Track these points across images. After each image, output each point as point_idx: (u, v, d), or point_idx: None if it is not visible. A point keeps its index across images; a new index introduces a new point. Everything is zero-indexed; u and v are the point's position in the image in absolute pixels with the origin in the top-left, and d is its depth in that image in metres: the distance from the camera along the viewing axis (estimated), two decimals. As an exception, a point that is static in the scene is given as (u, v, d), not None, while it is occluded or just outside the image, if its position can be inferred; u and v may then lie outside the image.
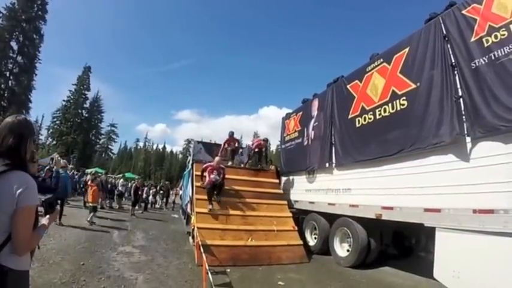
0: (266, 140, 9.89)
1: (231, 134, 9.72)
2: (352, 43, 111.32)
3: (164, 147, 77.93)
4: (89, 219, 8.95)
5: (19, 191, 1.36)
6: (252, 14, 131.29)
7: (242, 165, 9.37)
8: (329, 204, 6.83)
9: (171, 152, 78.79)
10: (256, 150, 9.27)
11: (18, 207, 1.35)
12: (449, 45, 4.48)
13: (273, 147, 62.85)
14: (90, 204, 9.67)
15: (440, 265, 4.13)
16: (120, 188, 15.70)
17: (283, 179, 9.41)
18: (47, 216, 1.62)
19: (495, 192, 3.63)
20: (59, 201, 10.44)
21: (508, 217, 3.45)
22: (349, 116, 6.55)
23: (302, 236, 7.20)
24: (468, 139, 4.11)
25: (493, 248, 3.56)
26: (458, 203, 4.05)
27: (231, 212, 6.80)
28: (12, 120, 1.52)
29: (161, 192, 19.96)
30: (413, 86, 5.01)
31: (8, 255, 1.35)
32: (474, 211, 3.83)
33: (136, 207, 13.26)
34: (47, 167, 13.07)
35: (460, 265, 3.87)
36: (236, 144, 9.98)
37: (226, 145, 9.48)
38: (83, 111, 44.78)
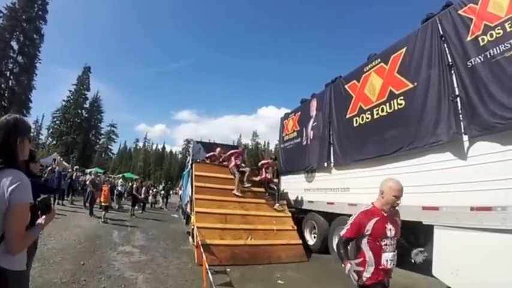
0: (274, 159, 8.93)
1: (244, 148, 9.35)
2: (351, 43, 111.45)
3: (164, 147, 78.22)
4: (102, 219, 9.71)
5: (11, 188, 1.35)
6: (252, 14, 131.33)
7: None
8: (328, 203, 6.86)
9: (171, 152, 79.06)
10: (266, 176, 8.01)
11: (10, 204, 1.35)
12: (446, 45, 4.51)
13: (272, 147, 63.31)
14: (103, 204, 10.31)
15: (439, 263, 4.15)
16: (119, 188, 15.74)
17: (282, 178, 9.44)
18: (43, 216, 1.63)
19: (492, 190, 3.66)
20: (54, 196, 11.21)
21: (505, 214, 3.49)
22: (347, 116, 6.58)
23: (301, 235, 7.23)
24: (465, 137, 4.14)
25: (491, 245, 3.59)
26: (456, 201, 4.08)
27: (231, 211, 6.82)
28: (2, 120, 1.54)
29: (162, 192, 20.14)
30: (411, 85, 5.04)
31: (2, 255, 1.35)
32: (472, 208, 3.86)
33: (136, 207, 13.31)
34: (49, 168, 13.17)
35: (458, 262, 3.89)
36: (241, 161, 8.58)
37: (234, 159, 8.13)
38: (83, 111, 44.83)
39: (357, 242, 2.49)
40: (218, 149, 9.20)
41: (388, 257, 2.40)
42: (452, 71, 4.38)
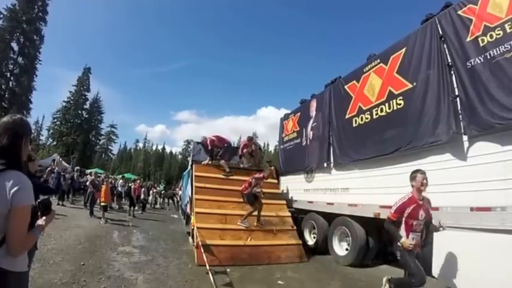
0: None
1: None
2: (344, 51, 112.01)
3: (164, 148, 77.94)
4: (103, 220, 9.69)
5: (13, 190, 1.34)
6: (251, 21, 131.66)
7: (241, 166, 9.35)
8: (328, 203, 6.86)
9: (171, 152, 78.77)
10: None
11: (12, 206, 1.33)
12: (445, 45, 4.52)
13: (271, 148, 63.26)
14: (102, 204, 10.31)
15: (438, 263, 4.15)
16: (119, 189, 15.76)
17: (282, 179, 9.44)
18: (44, 217, 1.62)
19: (492, 190, 3.67)
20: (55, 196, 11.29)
21: (505, 214, 3.49)
22: (347, 116, 6.59)
23: (301, 236, 7.23)
24: (465, 138, 4.15)
25: (491, 245, 3.59)
26: (456, 201, 4.08)
27: (230, 211, 6.83)
28: (8, 119, 1.52)
29: (163, 192, 20.28)
30: (410, 85, 5.05)
31: (4, 257, 1.34)
32: (471, 209, 3.86)
33: (136, 208, 13.32)
34: (49, 168, 13.20)
35: (458, 262, 3.89)
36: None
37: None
38: (83, 112, 44.82)
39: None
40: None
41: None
42: (452, 71, 4.39)
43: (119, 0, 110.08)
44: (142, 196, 14.54)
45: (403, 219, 3.52)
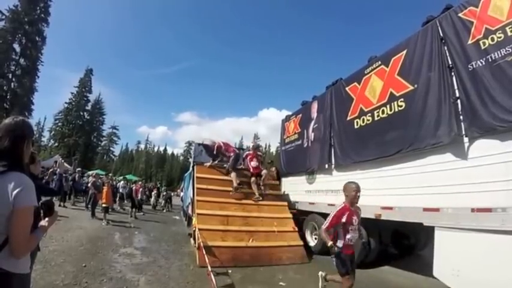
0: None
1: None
2: (346, 52, 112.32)
3: (165, 149, 78.30)
4: (104, 222, 9.71)
5: (15, 191, 1.34)
6: (252, 22, 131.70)
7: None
8: (329, 204, 6.85)
9: (172, 154, 79.10)
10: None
11: (15, 208, 1.34)
12: (446, 48, 4.53)
13: (273, 149, 63.30)
14: (104, 205, 10.36)
15: (439, 263, 4.16)
16: (121, 190, 15.77)
17: (283, 180, 9.44)
18: (46, 218, 1.63)
19: (493, 191, 3.66)
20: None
21: (505, 215, 3.49)
22: (348, 118, 6.60)
23: (302, 237, 7.23)
24: (466, 139, 4.15)
25: (491, 246, 3.59)
26: (457, 202, 4.08)
27: (232, 213, 6.84)
28: (10, 121, 1.53)
29: (164, 194, 20.27)
30: (411, 87, 5.06)
31: (6, 258, 1.34)
32: (472, 210, 3.86)
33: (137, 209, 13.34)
34: (51, 170, 13.26)
35: (459, 263, 3.89)
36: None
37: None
38: (85, 113, 45.06)
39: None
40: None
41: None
42: (453, 73, 4.40)
43: (122, 1, 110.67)
44: (139, 196, 14.51)
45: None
